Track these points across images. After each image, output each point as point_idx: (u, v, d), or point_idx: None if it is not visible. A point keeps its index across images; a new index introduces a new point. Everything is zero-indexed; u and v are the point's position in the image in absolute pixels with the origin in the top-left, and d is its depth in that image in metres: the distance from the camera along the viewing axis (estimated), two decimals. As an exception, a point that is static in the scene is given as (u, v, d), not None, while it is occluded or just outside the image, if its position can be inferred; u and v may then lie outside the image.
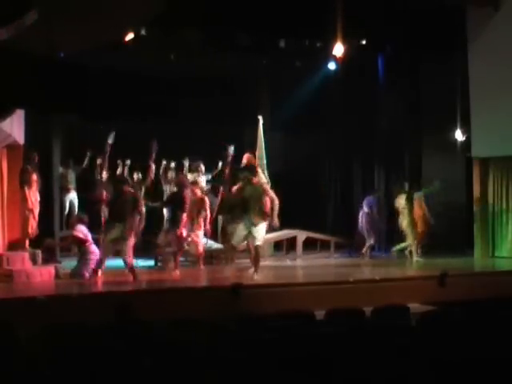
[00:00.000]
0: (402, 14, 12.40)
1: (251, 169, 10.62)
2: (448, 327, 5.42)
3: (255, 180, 10.31)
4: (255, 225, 10.03)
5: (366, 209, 13.74)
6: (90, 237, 10.41)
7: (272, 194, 10.42)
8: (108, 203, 10.88)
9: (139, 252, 11.14)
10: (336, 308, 6.34)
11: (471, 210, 13.76)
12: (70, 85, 11.85)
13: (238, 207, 10.19)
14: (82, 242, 10.35)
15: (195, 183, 11.79)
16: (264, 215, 10.06)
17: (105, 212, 11.38)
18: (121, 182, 10.42)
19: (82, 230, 10.33)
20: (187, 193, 10.96)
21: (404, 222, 13.09)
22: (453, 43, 13.33)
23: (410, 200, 13.05)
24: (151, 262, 11.79)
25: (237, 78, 14.12)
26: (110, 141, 11.81)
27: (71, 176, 13.30)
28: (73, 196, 13.29)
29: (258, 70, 14.45)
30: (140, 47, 11.95)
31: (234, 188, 10.45)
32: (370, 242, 13.66)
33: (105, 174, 13.78)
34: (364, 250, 13.56)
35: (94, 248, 10.30)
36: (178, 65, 13.25)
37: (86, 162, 13.43)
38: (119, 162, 13.40)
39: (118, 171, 13.55)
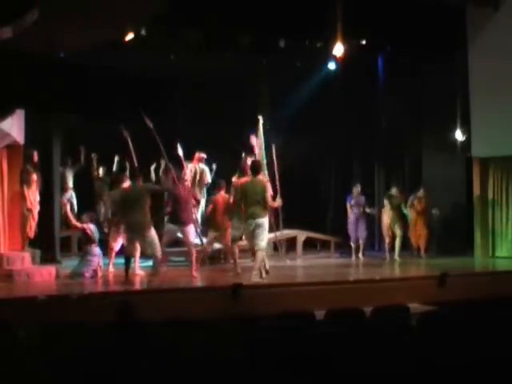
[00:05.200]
0: (402, 14, 12.40)
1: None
2: (448, 327, 5.42)
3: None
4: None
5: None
6: (97, 239, 10.41)
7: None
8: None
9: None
10: (336, 308, 6.33)
11: (471, 209, 13.76)
12: (70, 85, 11.84)
13: None
14: (88, 241, 10.34)
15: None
16: None
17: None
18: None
19: (92, 230, 10.34)
20: None
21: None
22: (453, 43, 13.32)
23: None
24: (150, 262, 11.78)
25: (237, 78, 14.12)
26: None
27: (69, 175, 13.32)
28: (70, 195, 13.30)
29: (258, 70, 14.45)
30: (140, 47, 11.95)
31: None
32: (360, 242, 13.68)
33: (101, 172, 13.83)
34: (360, 251, 13.58)
35: (97, 250, 10.30)
36: (178, 65, 13.26)
37: (82, 159, 13.45)
38: (116, 158, 13.46)
39: (114, 168, 13.57)
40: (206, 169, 12.84)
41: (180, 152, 11.40)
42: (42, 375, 4.05)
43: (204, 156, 12.83)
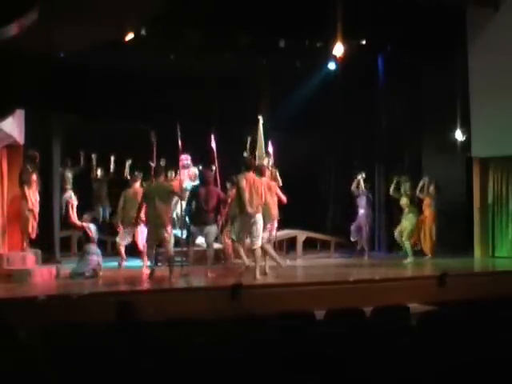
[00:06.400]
0: (402, 14, 12.40)
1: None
2: (448, 327, 5.42)
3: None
4: None
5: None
6: (96, 238, 10.45)
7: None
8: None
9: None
10: (336, 308, 6.34)
11: (471, 209, 13.75)
12: (70, 84, 11.84)
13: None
14: (87, 240, 10.38)
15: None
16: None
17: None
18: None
19: (92, 229, 10.39)
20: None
21: None
22: (453, 43, 13.32)
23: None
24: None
25: (237, 77, 14.12)
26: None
27: (69, 176, 13.34)
28: (70, 196, 13.32)
29: (258, 70, 14.45)
30: (140, 47, 11.95)
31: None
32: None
33: (100, 173, 13.85)
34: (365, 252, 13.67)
35: (96, 249, 10.34)
36: (178, 65, 13.26)
37: (81, 161, 13.49)
38: (114, 159, 13.50)
39: (112, 169, 13.60)
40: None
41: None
42: (42, 375, 4.05)
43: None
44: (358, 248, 13.74)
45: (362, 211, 13.67)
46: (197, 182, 11.75)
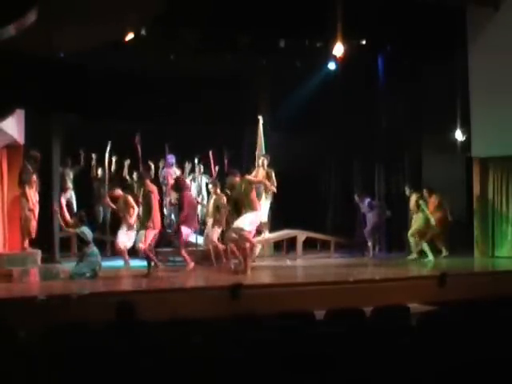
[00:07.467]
0: (402, 14, 12.40)
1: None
2: (448, 327, 5.42)
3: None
4: None
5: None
6: (91, 239, 10.45)
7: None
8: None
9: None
10: (336, 308, 6.33)
11: (471, 209, 13.75)
12: (70, 85, 11.84)
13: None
14: (84, 243, 10.38)
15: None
16: None
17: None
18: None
19: (84, 232, 10.37)
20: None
21: None
22: (453, 43, 13.32)
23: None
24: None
25: (237, 78, 14.13)
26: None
27: (69, 175, 13.34)
28: (70, 195, 13.32)
29: (258, 70, 14.46)
30: (140, 47, 11.96)
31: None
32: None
33: (100, 172, 13.86)
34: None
35: (94, 249, 10.34)
36: (178, 65, 13.27)
37: (82, 160, 13.50)
38: (114, 159, 13.50)
39: (113, 169, 13.60)
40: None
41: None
42: (42, 375, 4.05)
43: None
44: (375, 247, 13.90)
45: (369, 215, 13.80)
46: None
